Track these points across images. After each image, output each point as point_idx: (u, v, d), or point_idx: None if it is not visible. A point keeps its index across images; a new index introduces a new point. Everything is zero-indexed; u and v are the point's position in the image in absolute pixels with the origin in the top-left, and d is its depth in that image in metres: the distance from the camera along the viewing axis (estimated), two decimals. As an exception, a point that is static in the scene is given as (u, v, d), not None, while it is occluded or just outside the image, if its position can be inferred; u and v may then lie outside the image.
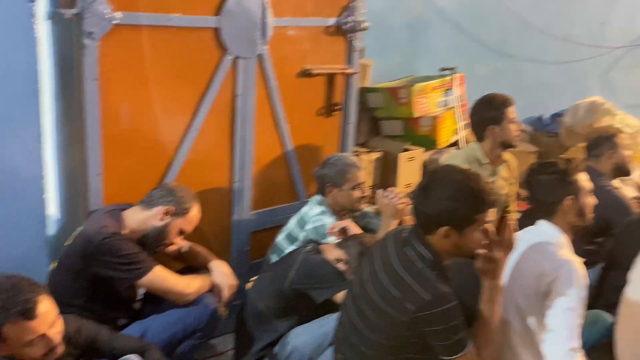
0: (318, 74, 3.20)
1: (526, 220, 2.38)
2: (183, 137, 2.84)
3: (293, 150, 3.23)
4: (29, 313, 1.86)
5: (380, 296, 1.91)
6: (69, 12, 2.40)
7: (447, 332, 1.85)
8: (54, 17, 2.43)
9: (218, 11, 2.78)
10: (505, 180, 3.22)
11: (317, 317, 2.45)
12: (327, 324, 2.35)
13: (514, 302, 2.14)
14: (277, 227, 3.04)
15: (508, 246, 1.96)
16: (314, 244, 2.57)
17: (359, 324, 1.98)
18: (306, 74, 3.17)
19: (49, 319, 1.92)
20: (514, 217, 2.89)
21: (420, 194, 1.96)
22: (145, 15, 2.58)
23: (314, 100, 3.28)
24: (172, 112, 2.80)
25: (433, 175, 2.00)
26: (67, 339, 2.02)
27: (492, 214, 2.00)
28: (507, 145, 3.16)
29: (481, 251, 1.92)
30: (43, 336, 1.90)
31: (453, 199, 1.89)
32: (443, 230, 1.90)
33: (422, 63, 4.49)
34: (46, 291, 1.95)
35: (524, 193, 2.60)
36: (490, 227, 1.93)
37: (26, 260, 2.48)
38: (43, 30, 2.39)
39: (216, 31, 2.80)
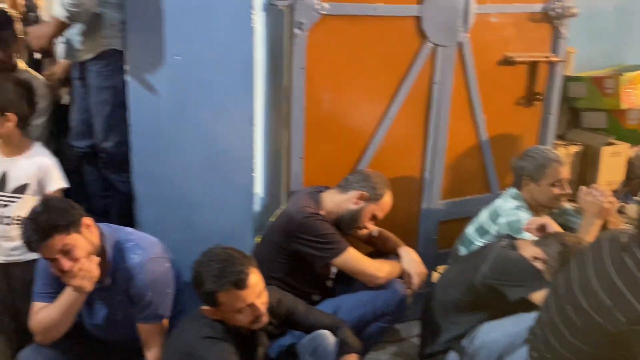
0: (520, 62, 3.08)
1: None
2: (378, 124, 2.90)
3: (488, 141, 3.15)
4: (241, 283, 2.03)
5: (589, 301, 1.81)
6: (282, 4, 2.56)
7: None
8: (269, 8, 2.59)
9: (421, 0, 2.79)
10: None
11: (508, 314, 2.39)
12: (521, 322, 2.28)
13: None
14: (467, 219, 2.99)
15: None
16: (510, 239, 2.50)
17: (560, 325, 1.90)
18: (507, 61, 3.06)
19: (257, 289, 2.09)
20: None
21: None
22: (351, 5, 2.66)
23: (513, 89, 3.16)
24: (369, 100, 2.87)
25: None
26: (270, 309, 2.18)
27: None
28: None
29: None
30: (251, 305, 2.08)
31: None
32: None
33: (631, 51, 4.12)
34: (255, 264, 2.12)
35: None
36: None
37: (234, 233, 2.71)
38: (259, 21, 2.55)
39: (417, 19, 2.81)
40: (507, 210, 2.77)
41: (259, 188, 2.75)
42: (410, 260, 2.67)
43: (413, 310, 2.78)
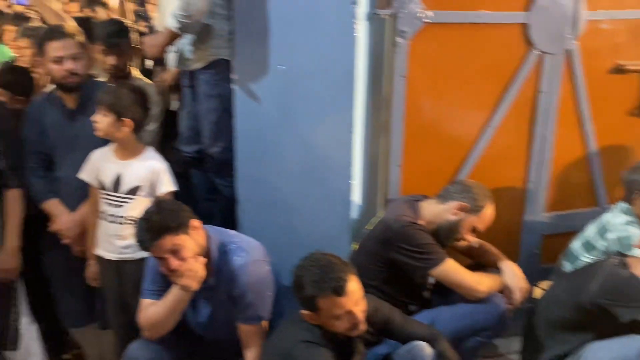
0: (633, 71, 2.92)
1: None
2: (480, 133, 2.84)
3: (597, 152, 3.01)
4: (340, 290, 2.05)
5: None
6: (385, 13, 2.57)
7: None
8: (371, 17, 2.61)
9: (528, 6, 2.71)
10: None
11: (617, 335, 2.27)
12: (631, 344, 2.17)
13: None
14: (572, 233, 2.87)
15: None
16: (620, 257, 2.38)
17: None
18: (619, 70, 2.92)
19: (355, 297, 2.10)
20: None
21: None
22: (455, 13, 2.64)
23: (625, 99, 3.01)
24: (471, 108, 2.82)
25: None
26: (367, 317, 2.18)
27: None
28: None
29: None
30: (349, 312, 2.09)
31: None
32: None
33: None
34: (354, 271, 2.14)
35: None
36: None
37: (332, 239, 2.73)
38: (361, 30, 2.58)
39: (524, 27, 2.74)
40: (616, 226, 2.64)
41: (356, 195, 2.77)
42: (512, 274, 2.60)
43: (513, 325, 2.70)
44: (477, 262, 2.74)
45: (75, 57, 2.70)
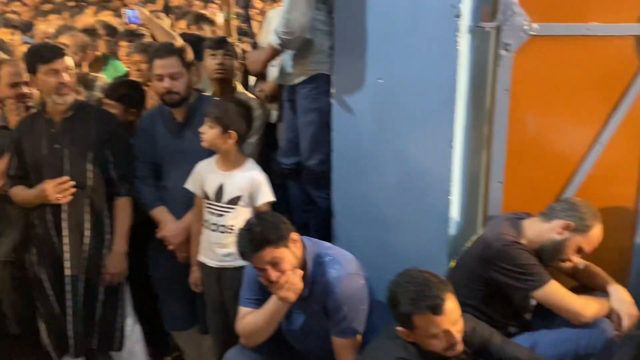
0: None
1: None
2: (588, 149, 2.71)
3: None
4: (437, 308, 2.02)
5: None
6: (489, 25, 2.52)
7: None
8: (474, 30, 2.56)
9: (643, 17, 2.57)
10: None
11: None
12: None
13: None
14: (689, 258, 2.69)
15: None
16: None
17: None
18: None
19: (453, 316, 2.06)
20: None
21: None
22: (563, 25, 2.54)
23: None
24: (578, 124, 2.70)
25: None
26: (464, 337, 2.13)
27: None
28: None
29: None
30: (446, 332, 2.05)
31: None
32: None
33: None
34: (452, 290, 2.10)
35: None
36: None
37: (428, 256, 2.69)
38: (463, 43, 2.54)
39: (637, 39, 2.59)
40: None
41: (455, 211, 2.72)
42: (621, 299, 2.46)
43: (619, 353, 2.55)
44: (583, 284, 2.62)
45: (174, 76, 2.83)
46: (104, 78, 3.85)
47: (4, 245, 3.02)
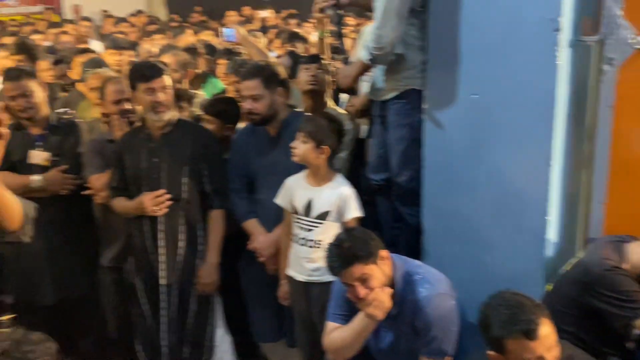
0: None
1: None
2: (697, 169, 2.53)
3: None
4: (531, 333, 1.93)
5: None
6: (591, 39, 2.42)
7: None
8: (575, 44, 2.46)
9: None
10: None
11: None
12: None
13: None
14: None
15: None
16: None
17: None
18: None
19: (548, 342, 1.96)
20: None
21: None
22: (672, 38, 2.40)
23: None
24: (690, 142, 2.53)
25: None
26: (561, 365, 2.03)
27: None
28: None
29: None
30: (540, 358, 1.95)
31: None
32: None
33: None
34: (547, 314, 2.00)
35: None
36: None
37: (523, 278, 2.58)
38: (563, 58, 2.44)
39: None
40: None
41: (552, 233, 2.60)
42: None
43: None
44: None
45: (255, 97, 2.92)
46: (203, 95, 4.00)
47: (109, 252, 3.18)
